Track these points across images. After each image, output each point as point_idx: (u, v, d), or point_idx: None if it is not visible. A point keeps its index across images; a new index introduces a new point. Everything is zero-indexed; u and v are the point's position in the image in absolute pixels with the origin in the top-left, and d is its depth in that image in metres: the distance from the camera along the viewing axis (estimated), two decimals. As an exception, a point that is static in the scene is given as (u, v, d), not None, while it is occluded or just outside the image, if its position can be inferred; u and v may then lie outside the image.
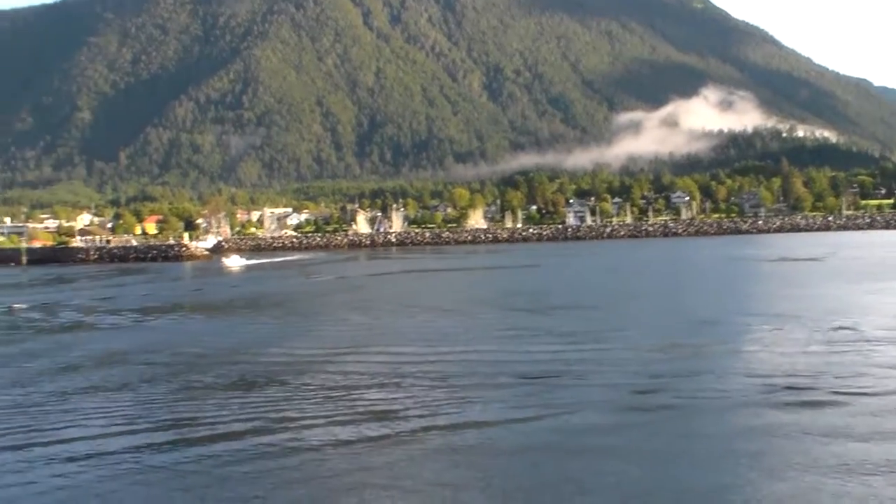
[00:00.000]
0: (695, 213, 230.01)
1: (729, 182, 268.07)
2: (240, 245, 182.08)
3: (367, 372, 25.08)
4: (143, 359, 29.68)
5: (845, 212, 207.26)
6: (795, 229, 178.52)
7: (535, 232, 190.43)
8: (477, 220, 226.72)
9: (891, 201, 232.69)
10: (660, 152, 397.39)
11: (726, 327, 33.14)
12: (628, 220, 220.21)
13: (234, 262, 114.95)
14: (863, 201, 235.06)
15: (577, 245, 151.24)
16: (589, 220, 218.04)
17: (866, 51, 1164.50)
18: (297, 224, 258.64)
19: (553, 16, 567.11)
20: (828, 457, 15.17)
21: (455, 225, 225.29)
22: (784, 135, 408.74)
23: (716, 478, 14.51)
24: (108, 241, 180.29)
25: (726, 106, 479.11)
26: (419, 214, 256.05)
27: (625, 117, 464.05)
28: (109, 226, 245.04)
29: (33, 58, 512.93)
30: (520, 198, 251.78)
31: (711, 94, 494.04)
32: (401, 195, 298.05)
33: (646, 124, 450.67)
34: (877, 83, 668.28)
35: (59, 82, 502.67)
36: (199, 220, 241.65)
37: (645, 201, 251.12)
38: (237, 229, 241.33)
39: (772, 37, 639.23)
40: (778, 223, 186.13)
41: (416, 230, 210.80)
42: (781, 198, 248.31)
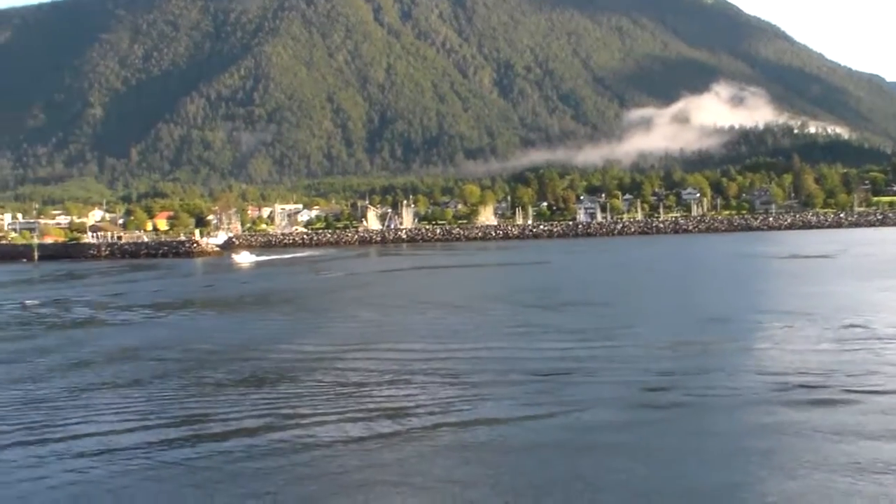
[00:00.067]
0: (705, 210, 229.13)
1: (740, 179, 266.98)
2: (250, 241, 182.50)
3: (377, 368, 25.12)
4: (154, 355, 29.78)
5: (857, 208, 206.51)
6: (807, 226, 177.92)
7: (546, 228, 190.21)
8: (487, 217, 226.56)
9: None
10: (671, 149, 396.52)
11: (737, 324, 33.08)
12: (639, 216, 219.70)
13: (243, 258, 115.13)
14: (875, 198, 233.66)
15: (588, 242, 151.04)
16: (599, 217, 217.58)
17: (879, 46, 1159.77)
18: (308, 220, 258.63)
19: (564, 12, 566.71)
20: (839, 455, 15.14)
21: (465, 221, 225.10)
22: (795, 131, 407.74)
23: (726, 476, 14.49)
24: (120, 238, 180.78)
25: (737, 102, 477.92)
26: (430, 211, 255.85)
27: (635, 114, 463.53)
28: (121, 222, 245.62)
29: (45, 54, 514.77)
30: (530, 194, 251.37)
31: (723, 90, 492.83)
32: (411, 191, 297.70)
33: (657, 120, 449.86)
34: (889, 79, 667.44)
35: (70, 79, 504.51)
36: (210, 217, 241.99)
37: (656, 198, 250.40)
38: (248, 226, 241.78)
39: (784, 32, 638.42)
40: (789, 220, 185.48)
41: (427, 227, 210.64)
42: (793, 194, 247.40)
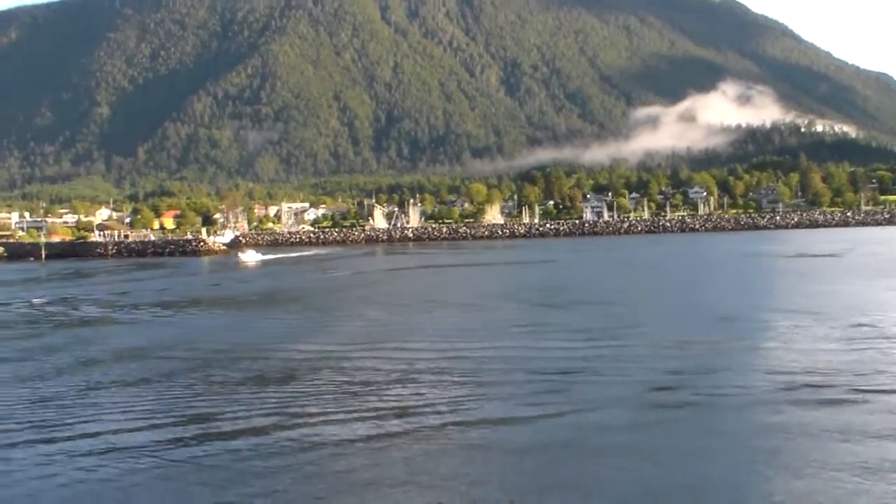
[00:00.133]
0: (712, 209, 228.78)
1: (747, 177, 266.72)
2: (257, 240, 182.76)
3: (384, 368, 25.13)
4: (161, 353, 29.84)
5: (864, 207, 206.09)
6: (813, 225, 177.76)
7: (552, 227, 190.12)
8: (494, 216, 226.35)
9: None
10: (677, 147, 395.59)
11: (744, 323, 33.04)
12: (645, 215, 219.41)
13: (250, 257, 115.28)
14: (882, 197, 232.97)
15: (594, 240, 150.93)
16: (606, 216, 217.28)
17: (887, 45, 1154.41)
18: (315, 219, 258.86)
19: (571, 10, 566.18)
20: (846, 454, 15.12)
21: (472, 220, 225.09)
22: (803, 129, 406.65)
23: (734, 475, 14.49)
24: (127, 236, 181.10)
25: (744, 100, 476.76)
26: (436, 210, 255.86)
27: (642, 112, 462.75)
28: (127, 221, 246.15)
29: (52, 53, 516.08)
30: (537, 193, 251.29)
31: (730, 88, 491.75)
32: (418, 190, 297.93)
33: (663, 119, 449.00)
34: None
35: (78, 78, 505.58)
36: (217, 216, 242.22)
37: (662, 197, 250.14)
38: (254, 224, 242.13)
39: (791, 30, 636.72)
40: (796, 219, 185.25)
41: (433, 225, 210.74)
42: (799, 193, 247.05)
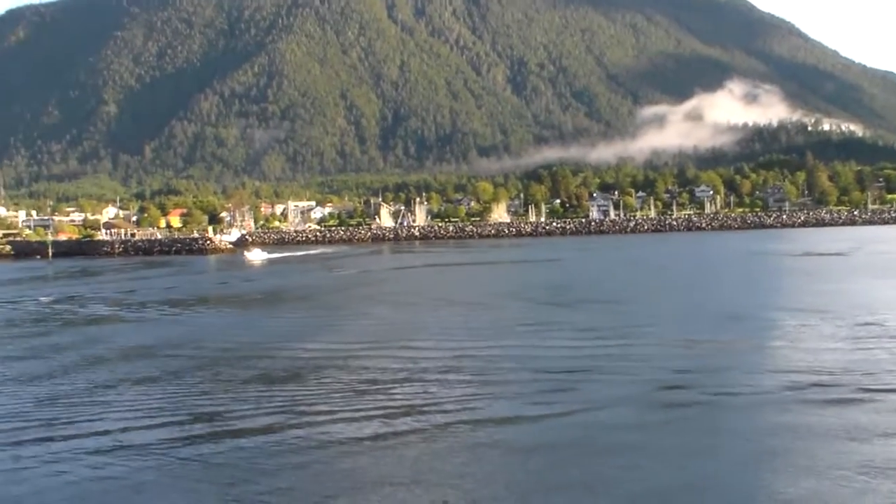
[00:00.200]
0: (719, 208, 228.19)
1: (753, 176, 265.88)
2: (263, 238, 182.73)
3: (390, 366, 25.16)
4: (168, 352, 29.92)
5: (871, 206, 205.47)
6: (820, 224, 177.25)
7: (559, 226, 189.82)
8: (500, 214, 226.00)
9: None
10: (684, 146, 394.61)
11: (751, 323, 33.01)
12: (652, 214, 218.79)
13: (256, 255, 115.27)
14: (889, 195, 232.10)
15: (601, 239, 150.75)
16: (612, 215, 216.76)
17: (893, 44, 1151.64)
18: (321, 218, 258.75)
19: (577, 9, 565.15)
20: (853, 454, 15.10)
21: (478, 219, 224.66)
22: (809, 128, 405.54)
23: (741, 474, 14.49)
24: (133, 235, 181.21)
25: (751, 99, 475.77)
26: (443, 208, 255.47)
27: (649, 111, 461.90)
28: (134, 219, 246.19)
29: (60, 52, 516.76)
30: (543, 192, 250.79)
31: (736, 87, 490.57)
32: (424, 189, 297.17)
33: (670, 118, 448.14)
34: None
35: (85, 76, 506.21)
36: (223, 214, 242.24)
37: (669, 195, 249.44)
38: (261, 223, 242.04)
39: (798, 29, 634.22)
40: (802, 218, 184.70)
41: (440, 224, 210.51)
42: (806, 192, 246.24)
